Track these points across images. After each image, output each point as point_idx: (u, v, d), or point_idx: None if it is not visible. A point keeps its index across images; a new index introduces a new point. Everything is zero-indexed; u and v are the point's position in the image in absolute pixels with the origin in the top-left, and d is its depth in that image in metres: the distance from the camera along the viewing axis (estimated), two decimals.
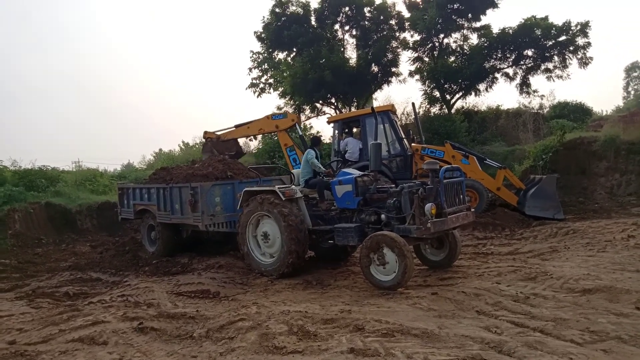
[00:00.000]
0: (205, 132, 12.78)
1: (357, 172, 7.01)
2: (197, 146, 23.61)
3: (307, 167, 7.58)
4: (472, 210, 6.43)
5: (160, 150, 28.17)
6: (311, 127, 23.89)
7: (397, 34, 21.30)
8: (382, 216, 6.29)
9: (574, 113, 22.23)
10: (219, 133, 12.69)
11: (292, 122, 12.26)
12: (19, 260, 9.33)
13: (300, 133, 12.12)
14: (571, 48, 18.16)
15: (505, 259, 6.99)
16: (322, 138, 11.81)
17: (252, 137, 21.59)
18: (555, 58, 18.62)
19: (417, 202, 5.84)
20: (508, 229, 9.25)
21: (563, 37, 18.07)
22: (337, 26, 21.74)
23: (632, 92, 55.50)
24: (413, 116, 13.30)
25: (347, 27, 21.79)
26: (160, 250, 9.00)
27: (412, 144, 11.49)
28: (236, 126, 12.64)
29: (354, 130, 12.23)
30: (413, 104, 13.13)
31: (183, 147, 24.92)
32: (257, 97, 26.29)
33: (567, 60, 18.46)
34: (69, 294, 6.75)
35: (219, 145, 12.38)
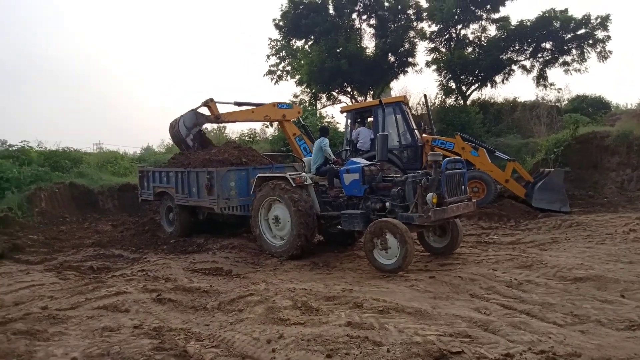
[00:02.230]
0: (212, 101, 10.62)
1: (364, 162, 7.31)
2: (214, 131, 24.01)
3: (320, 154, 7.91)
4: (474, 200, 6.70)
5: None
6: (327, 115, 24.14)
7: (415, 24, 21.34)
8: (387, 204, 6.60)
9: (592, 107, 22.03)
10: (221, 111, 10.82)
11: (298, 114, 12.16)
12: (45, 236, 9.91)
13: (303, 123, 12.16)
14: (590, 41, 18.02)
15: (505, 248, 7.25)
16: (330, 127, 11.69)
17: (268, 123, 21.95)
18: (574, 51, 18.51)
19: (420, 192, 6.13)
20: (513, 220, 9.47)
21: (582, 31, 17.94)
22: (354, 15, 21.86)
23: None
24: (425, 108, 13.44)
25: (364, 17, 21.89)
26: (178, 230, 9.49)
27: (423, 135, 11.70)
28: (236, 103, 11.13)
29: (369, 119, 12.43)
30: (425, 96, 13.30)
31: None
32: (275, 84, 26.60)
33: (586, 54, 18.34)
34: (93, 268, 7.26)
35: (204, 138, 10.90)
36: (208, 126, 14.60)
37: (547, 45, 18.92)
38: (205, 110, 10.81)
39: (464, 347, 3.54)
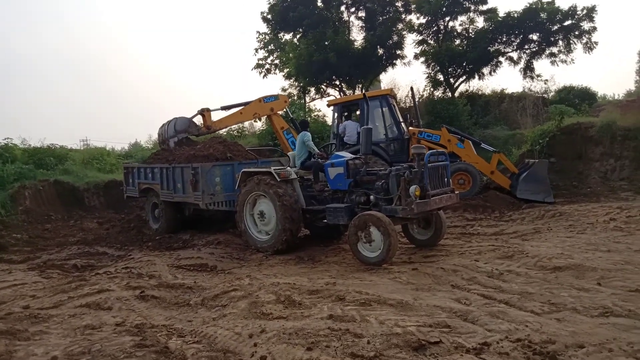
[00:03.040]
0: (207, 110, 10.88)
1: (349, 155, 7.32)
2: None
3: (303, 148, 7.90)
4: (457, 192, 6.75)
5: None
6: (315, 108, 24.12)
7: (403, 16, 21.27)
8: (371, 197, 6.64)
9: (578, 97, 22.24)
10: (214, 120, 11.05)
11: (285, 103, 12.00)
12: (29, 235, 9.82)
13: (292, 116, 12.11)
14: (576, 33, 18.13)
15: (488, 239, 7.33)
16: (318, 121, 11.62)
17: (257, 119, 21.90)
18: (560, 42, 18.60)
19: (403, 184, 6.17)
20: (498, 211, 9.56)
21: (568, 22, 18.03)
22: (342, 8, 21.74)
23: None
24: (412, 101, 13.47)
25: (352, 9, 21.76)
26: (164, 227, 9.46)
27: (410, 128, 11.73)
28: (223, 108, 11.21)
29: (357, 112, 12.42)
30: (412, 89, 13.33)
31: None
32: (263, 78, 26.52)
33: (572, 45, 18.44)
34: (77, 266, 7.22)
35: (190, 145, 10.58)
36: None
37: (534, 36, 18.98)
38: (199, 119, 10.85)
39: (442, 337, 3.59)
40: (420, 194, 6.04)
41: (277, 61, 26.57)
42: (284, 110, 12.23)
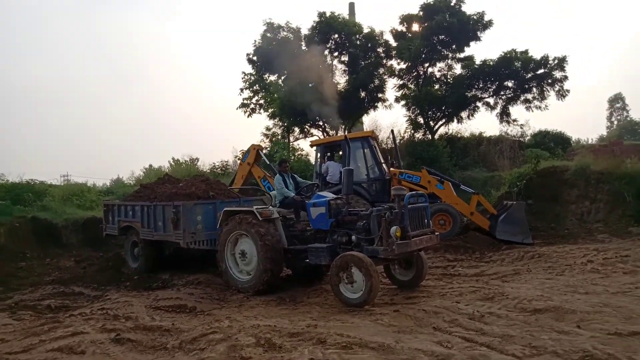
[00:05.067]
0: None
1: (331, 195, 7.39)
2: (186, 163, 23.96)
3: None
4: (437, 234, 6.83)
5: (150, 166, 28.29)
6: (299, 147, 24.43)
7: (384, 61, 22.04)
8: (353, 237, 6.66)
9: (554, 141, 23.03)
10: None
11: (254, 150, 12.58)
12: (1, 274, 9.45)
13: (267, 162, 12.69)
14: (549, 81, 18.98)
15: (469, 280, 7.37)
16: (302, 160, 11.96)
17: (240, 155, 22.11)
18: (534, 89, 19.41)
19: (384, 225, 6.23)
20: (478, 252, 9.66)
21: (541, 70, 18.90)
22: (326, 52, 22.46)
23: (615, 123, 57.96)
24: (393, 143, 13.80)
25: (336, 53, 22.51)
26: (143, 266, 9.25)
27: (391, 169, 11.95)
28: (229, 188, 11.67)
29: (340, 152, 12.64)
30: (392, 131, 13.69)
31: (173, 163, 25.06)
32: (248, 117, 26.86)
33: (545, 92, 19.26)
34: (51, 307, 6.95)
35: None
36: (180, 158, 16.59)
37: (509, 83, 19.77)
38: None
39: None
40: (401, 234, 6.10)
41: (262, 101, 27.03)
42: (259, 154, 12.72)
